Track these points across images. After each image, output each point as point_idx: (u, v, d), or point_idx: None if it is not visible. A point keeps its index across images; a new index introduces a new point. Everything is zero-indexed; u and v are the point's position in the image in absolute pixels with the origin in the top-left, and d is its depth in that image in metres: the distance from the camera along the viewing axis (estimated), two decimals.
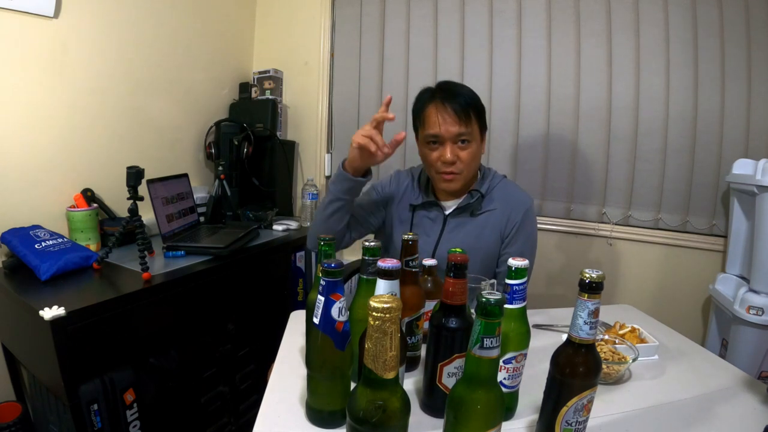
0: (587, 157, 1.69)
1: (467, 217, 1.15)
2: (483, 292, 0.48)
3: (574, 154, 1.71)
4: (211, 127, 1.92)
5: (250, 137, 1.85)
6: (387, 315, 0.45)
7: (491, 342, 0.48)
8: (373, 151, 0.98)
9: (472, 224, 1.14)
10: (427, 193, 1.19)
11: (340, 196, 1.07)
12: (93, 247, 1.33)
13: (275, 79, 2.05)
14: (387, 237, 1.23)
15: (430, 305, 0.80)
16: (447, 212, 1.16)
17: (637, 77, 1.59)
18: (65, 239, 1.23)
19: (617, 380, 0.81)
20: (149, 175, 1.26)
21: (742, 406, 0.75)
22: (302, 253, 1.82)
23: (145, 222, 1.20)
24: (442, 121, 1.05)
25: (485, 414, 0.50)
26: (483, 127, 1.12)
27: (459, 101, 1.05)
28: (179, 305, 1.21)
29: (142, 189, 1.20)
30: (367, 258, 0.69)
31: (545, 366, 0.58)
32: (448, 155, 1.06)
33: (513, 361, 0.65)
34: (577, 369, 0.54)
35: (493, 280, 0.90)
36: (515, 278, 0.63)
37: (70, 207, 1.34)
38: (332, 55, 2.04)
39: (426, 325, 0.81)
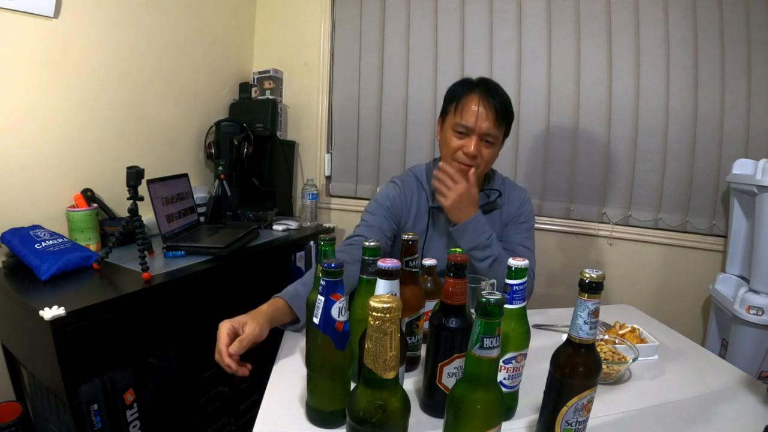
0: (587, 157, 1.69)
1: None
2: (483, 292, 0.48)
3: (574, 154, 1.71)
4: (211, 127, 1.92)
5: (250, 137, 1.84)
6: (387, 315, 0.45)
7: (491, 342, 0.48)
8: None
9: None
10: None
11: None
12: (93, 247, 1.33)
13: (275, 79, 2.05)
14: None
15: (430, 305, 0.80)
16: None
17: (637, 77, 1.59)
18: (65, 239, 1.22)
19: (617, 380, 0.81)
20: (149, 175, 1.26)
21: (742, 406, 0.75)
22: (302, 253, 1.82)
23: (145, 222, 1.20)
24: (481, 114, 1.04)
25: (485, 414, 0.50)
26: (506, 135, 1.13)
27: (500, 101, 1.06)
28: (179, 305, 1.21)
29: (142, 189, 1.20)
30: (367, 258, 0.68)
31: (545, 366, 0.58)
32: (473, 148, 1.05)
33: (513, 361, 0.65)
34: (577, 369, 0.54)
35: (493, 280, 0.90)
36: (515, 278, 0.63)
37: (70, 207, 1.34)
38: (332, 55, 2.04)
39: (426, 325, 0.81)
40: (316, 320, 0.60)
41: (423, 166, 1.24)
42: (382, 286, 0.62)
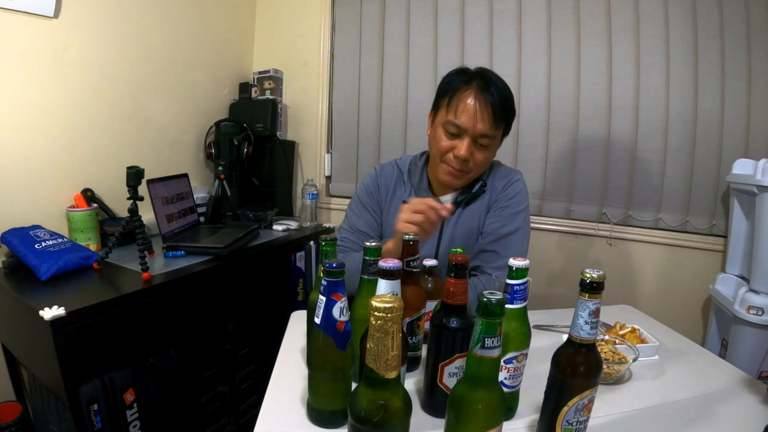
0: (587, 157, 1.69)
1: (461, 209, 1.09)
2: (484, 292, 0.48)
3: (574, 154, 1.71)
4: (211, 127, 1.92)
5: (250, 137, 1.84)
6: (389, 315, 0.45)
7: (492, 342, 0.48)
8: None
9: (468, 215, 1.09)
10: (420, 188, 1.11)
11: None
12: (93, 247, 1.33)
13: (275, 79, 2.05)
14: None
15: (431, 305, 0.80)
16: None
17: (637, 77, 1.59)
18: (65, 239, 1.22)
19: (618, 380, 0.81)
20: (149, 175, 1.26)
21: (742, 406, 0.75)
22: (302, 253, 1.82)
23: (145, 222, 1.20)
24: (477, 114, 0.95)
25: (486, 414, 0.50)
26: (506, 132, 1.05)
27: (498, 99, 0.96)
28: (179, 305, 1.21)
29: (142, 189, 1.20)
30: (368, 258, 0.68)
31: (546, 366, 0.58)
32: (463, 151, 0.97)
33: (514, 361, 0.65)
34: (578, 369, 0.54)
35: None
36: (516, 278, 0.63)
37: (70, 207, 1.34)
38: (332, 55, 2.04)
39: (427, 325, 0.81)
40: (317, 320, 0.60)
41: (408, 159, 1.18)
42: (383, 286, 0.62)
